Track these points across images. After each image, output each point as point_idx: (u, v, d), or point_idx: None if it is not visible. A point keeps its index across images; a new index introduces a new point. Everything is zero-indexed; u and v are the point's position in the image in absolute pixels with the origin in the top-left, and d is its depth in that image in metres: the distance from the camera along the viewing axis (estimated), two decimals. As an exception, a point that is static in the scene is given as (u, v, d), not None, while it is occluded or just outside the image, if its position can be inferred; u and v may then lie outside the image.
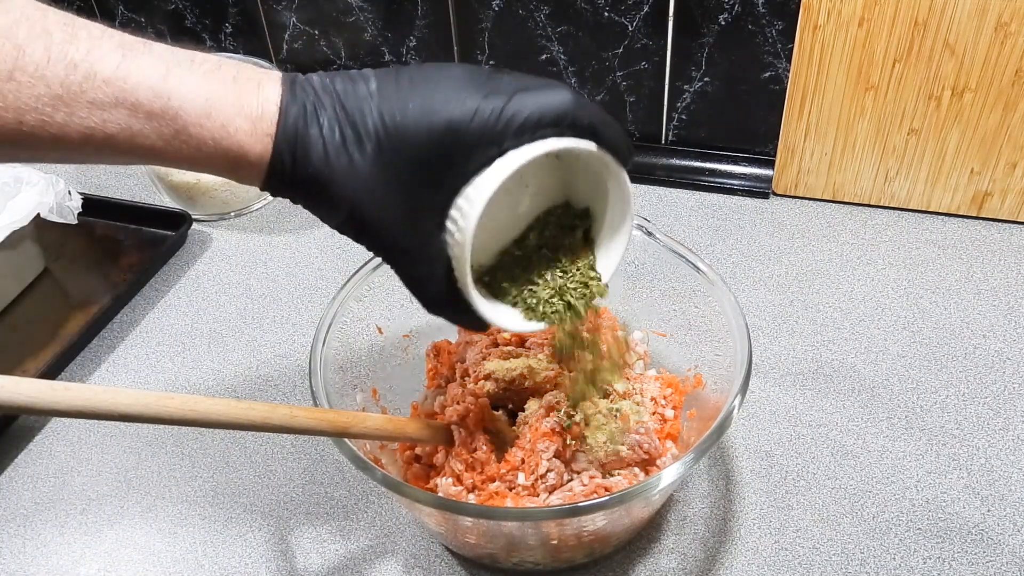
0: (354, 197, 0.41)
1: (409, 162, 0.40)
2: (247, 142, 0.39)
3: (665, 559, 0.58)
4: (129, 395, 0.40)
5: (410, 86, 0.40)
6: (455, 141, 0.40)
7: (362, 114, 0.40)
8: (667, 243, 0.62)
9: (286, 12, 0.95)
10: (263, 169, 0.40)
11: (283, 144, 0.39)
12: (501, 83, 0.41)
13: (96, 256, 0.87)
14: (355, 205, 0.41)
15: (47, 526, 0.63)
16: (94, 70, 0.37)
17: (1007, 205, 0.80)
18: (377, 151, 0.40)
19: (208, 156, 0.40)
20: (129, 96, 0.38)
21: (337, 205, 0.41)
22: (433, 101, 0.40)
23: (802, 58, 0.78)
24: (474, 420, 0.55)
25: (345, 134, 0.40)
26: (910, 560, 0.56)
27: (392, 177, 0.40)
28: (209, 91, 0.39)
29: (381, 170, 0.40)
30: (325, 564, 0.59)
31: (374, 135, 0.40)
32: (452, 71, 0.41)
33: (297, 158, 0.40)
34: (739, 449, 0.64)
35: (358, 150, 0.40)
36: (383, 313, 0.64)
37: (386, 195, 0.41)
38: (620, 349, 0.56)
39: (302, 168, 0.40)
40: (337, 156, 0.40)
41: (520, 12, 0.86)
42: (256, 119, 0.39)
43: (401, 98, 0.40)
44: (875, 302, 0.75)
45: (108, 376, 0.74)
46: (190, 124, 0.39)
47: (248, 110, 0.39)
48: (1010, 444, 0.63)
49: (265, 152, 0.40)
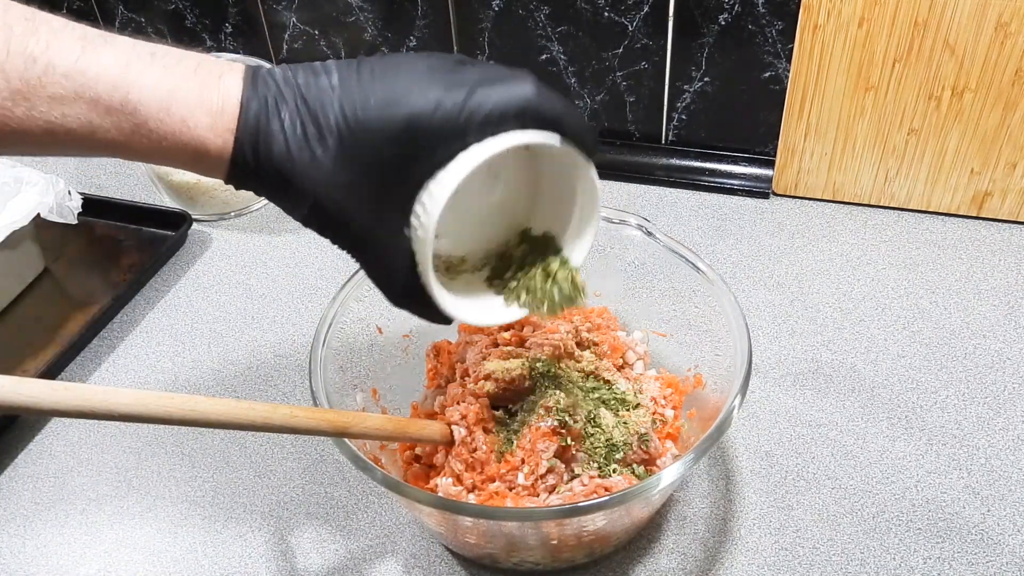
0: (317, 191, 0.41)
1: (371, 156, 0.40)
2: (207, 136, 0.39)
3: (665, 559, 0.58)
4: (129, 395, 0.40)
5: (371, 78, 0.40)
6: (417, 135, 0.40)
7: (324, 108, 0.40)
8: (667, 243, 0.62)
9: (286, 12, 0.95)
10: (225, 163, 0.40)
11: (244, 139, 0.40)
12: (464, 75, 0.40)
13: (96, 256, 0.87)
14: (318, 199, 0.41)
15: (47, 526, 0.63)
16: (53, 64, 0.37)
17: (1007, 205, 0.80)
18: (339, 145, 0.40)
19: (169, 150, 0.40)
20: (88, 90, 0.38)
21: (300, 199, 0.41)
22: (395, 94, 0.40)
23: (802, 58, 0.78)
24: (474, 420, 0.55)
25: (307, 129, 0.40)
26: (910, 560, 0.56)
27: (355, 171, 0.40)
28: (169, 85, 0.39)
29: (343, 164, 0.40)
30: (325, 564, 0.59)
31: (336, 129, 0.40)
32: (415, 62, 0.41)
33: (259, 153, 0.40)
34: (739, 449, 0.64)
35: (320, 145, 0.40)
36: (383, 313, 0.64)
37: (349, 189, 0.41)
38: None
39: (264, 163, 0.40)
40: (299, 151, 0.40)
41: (520, 12, 0.86)
42: (216, 113, 0.39)
43: (363, 91, 0.40)
44: (875, 302, 0.75)
45: (108, 376, 0.74)
46: (150, 119, 0.39)
47: (208, 104, 0.39)
48: (1010, 444, 0.63)
49: (226, 146, 0.40)
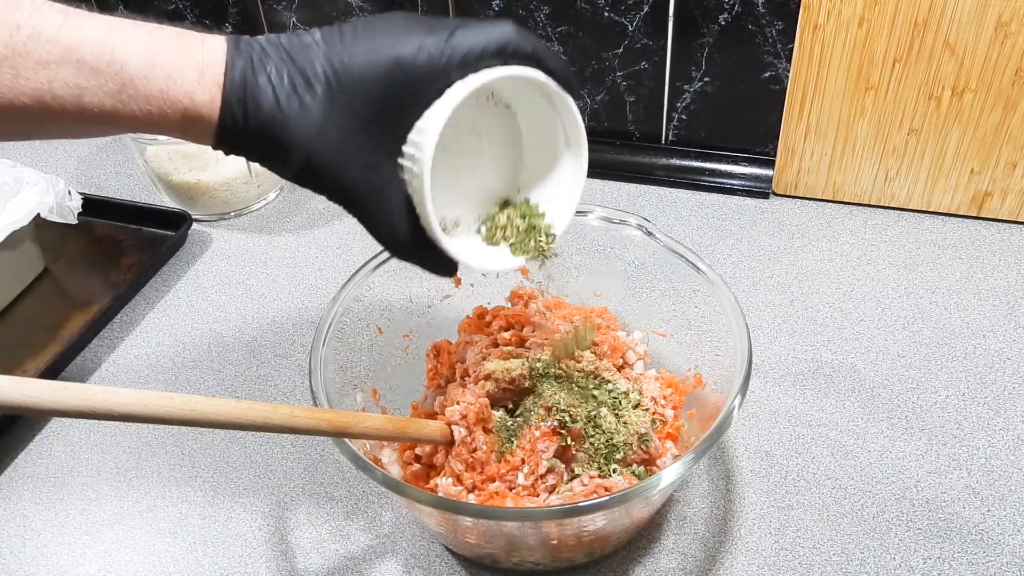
0: (308, 142, 0.41)
1: (360, 101, 0.41)
2: (195, 92, 0.40)
3: (665, 559, 0.58)
4: (129, 395, 0.40)
5: (353, 34, 0.41)
6: (403, 77, 0.41)
7: (309, 60, 0.41)
8: (667, 243, 0.62)
9: (286, 12, 0.95)
10: (214, 122, 0.41)
11: (232, 94, 0.40)
12: (443, 22, 0.42)
13: (96, 256, 0.87)
14: (310, 150, 0.41)
15: (47, 526, 0.63)
16: (38, 30, 0.38)
17: (1007, 205, 0.80)
18: (328, 93, 0.41)
19: (158, 111, 0.40)
20: (74, 53, 0.38)
21: (292, 152, 0.41)
22: (378, 43, 0.41)
23: (802, 58, 0.78)
24: (474, 420, 0.55)
25: (294, 80, 0.41)
26: (910, 560, 0.56)
27: (345, 118, 0.41)
28: (153, 45, 0.40)
29: (333, 111, 0.41)
30: (325, 564, 0.59)
31: (323, 78, 0.41)
32: (393, 17, 0.42)
33: (248, 107, 0.40)
34: (739, 449, 0.64)
35: (308, 94, 0.41)
36: (383, 313, 0.64)
37: (340, 136, 0.41)
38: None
39: (253, 118, 0.40)
40: (288, 101, 0.40)
41: (520, 12, 0.86)
42: (202, 69, 0.40)
43: (346, 44, 0.41)
44: (875, 302, 0.75)
45: (108, 376, 0.74)
46: (136, 76, 0.39)
47: (194, 61, 0.40)
48: (1010, 444, 0.63)
49: (214, 102, 0.40)
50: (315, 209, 0.90)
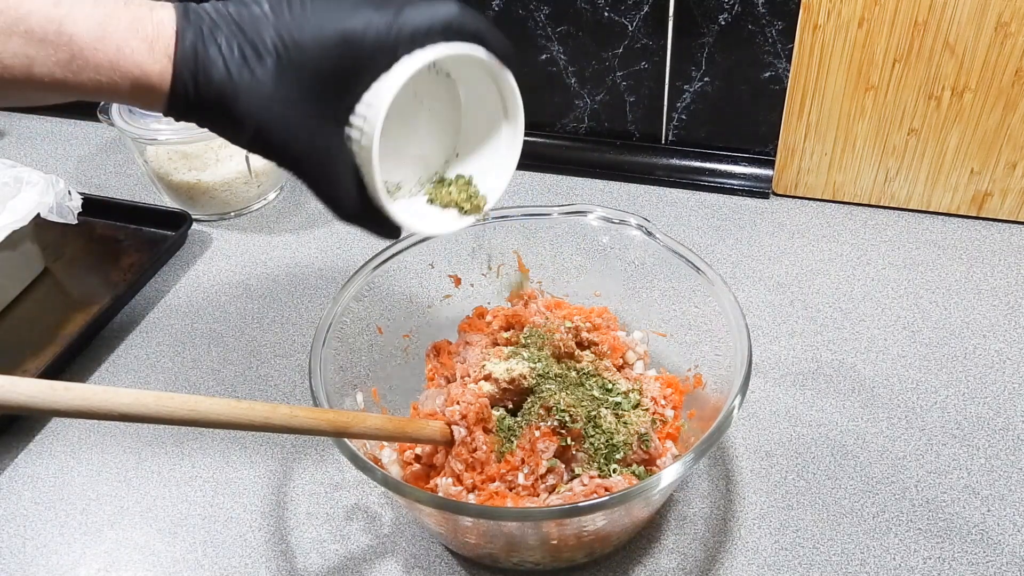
0: (259, 112, 0.42)
1: (309, 73, 0.42)
2: (145, 62, 0.40)
3: (665, 559, 0.58)
4: (129, 395, 0.40)
5: (302, 6, 0.42)
6: (351, 51, 0.42)
7: (259, 33, 0.41)
8: (667, 243, 0.62)
9: (286, 12, 0.95)
10: (165, 91, 0.41)
11: (183, 64, 0.40)
12: (391, 0, 0.43)
13: (96, 256, 0.87)
14: (261, 120, 0.42)
15: (47, 526, 0.63)
16: None
17: (1007, 205, 0.80)
18: (277, 65, 0.41)
19: (108, 81, 0.40)
20: (21, 23, 0.39)
21: (242, 122, 0.42)
22: (327, 17, 0.41)
23: (802, 58, 0.78)
24: (474, 420, 0.55)
25: (245, 51, 0.41)
26: (910, 560, 0.56)
27: (294, 89, 0.42)
28: (101, 15, 0.40)
29: (283, 83, 0.41)
30: (325, 564, 0.59)
31: (273, 50, 0.41)
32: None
33: (199, 78, 0.41)
34: (739, 449, 0.64)
35: (259, 65, 0.41)
36: (383, 313, 0.64)
37: (290, 107, 0.42)
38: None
39: (204, 87, 0.41)
40: (239, 72, 0.41)
41: (520, 12, 0.86)
42: (152, 40, 0.40)
43: (295, 16, 0.42)
44: (875, 302, 0.75)
45: (108, 376, 0.74)
46: (85, 48, 0.39)
47: (143, 32, 0.40)
48: (1010, 444, 0.63)
49: (165, 73, 0.40)
50: (315, 209, 0.90)
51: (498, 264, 0.67)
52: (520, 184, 0.91)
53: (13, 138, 1.04)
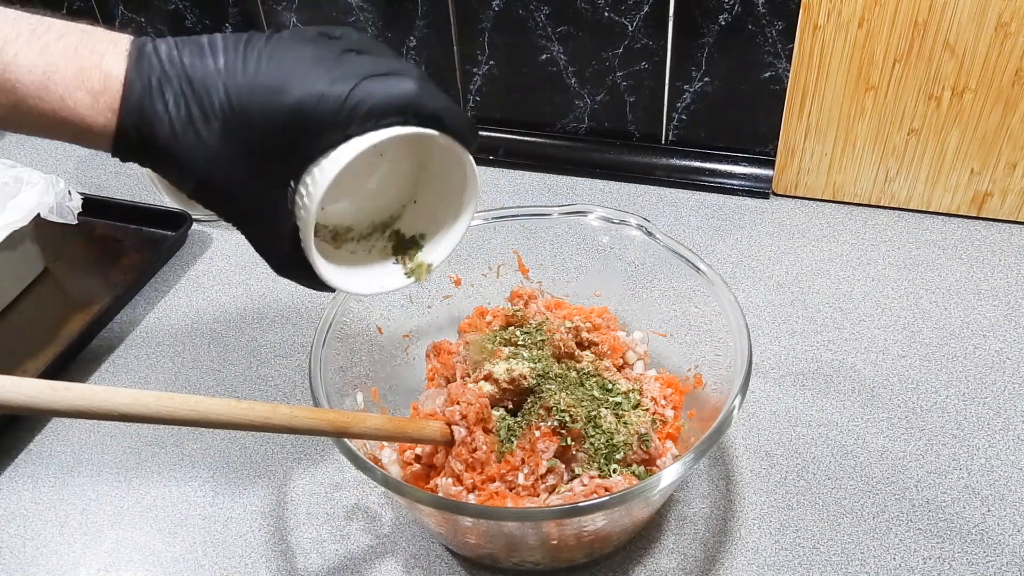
0: (201, 171, 0.42)
1: (255, 140, 0.41)
2: (88, 115, 0.40)
3: (665, 559, 0.58)
4: (129, 395, 0.40)
5: (257, 64, 0.41)
6: (300, 124, 0.41)
7: (208, 91, 0.40)
8: (667, 243, 0.62)
9: (286, 12, 0.95)
10: (108, 140, 0.41)
11: (127, 119, 0.40)
12: (350, 66, 0.41)
13: (96, 256, 0.87)
14: (203, 178, 0.42)
15: (47, 526, 0.63)
16: None
17: (1007, 205, 0.80)
18: (223, 128, 0.41)
19: (51, 126, 0.41)
20: None
21: (185, 177, 0.42)
22: (280, 82, 0.40)
23: (802, 58, 0.78)
24: (474, 420, 0.55)
25: (192, 111, 0.40)
26: (910, 560, 0.56)
27: (238, 153, 0.41)
28: (47, 64, 0.39)
29: (228, 146, 0.41)
30: (325, 564, 0.59)
31: (220, 113, 0.40)
32: (301, 49, 0.41)
33: (143, 132, 0.40)
34: (739, 449, 0.64)
35: (205, 127, 0.41)
36: (383, 313, 0.64)
37: (233, 169, 0.42)
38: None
39: (149, 142, 0.41)
40: (184, 132, 0.40)
41: (520, 12, 0.86)
42: (98, 93, 0.40)
43: (248, 76, 0.40)
44: (875, 302, 0.75)
45: (108, 376, 0.74)
46: (28, 96, 0.39)
47: (89, 84, 0.40)
48: (1010, 444, 0.63)
49: (109, 125, 0.40)
50: (315, 209, 0.90)
51: (497, 264, 0.67)
52: (520, 184, 0.91)
53: (13, 138, 1.04)
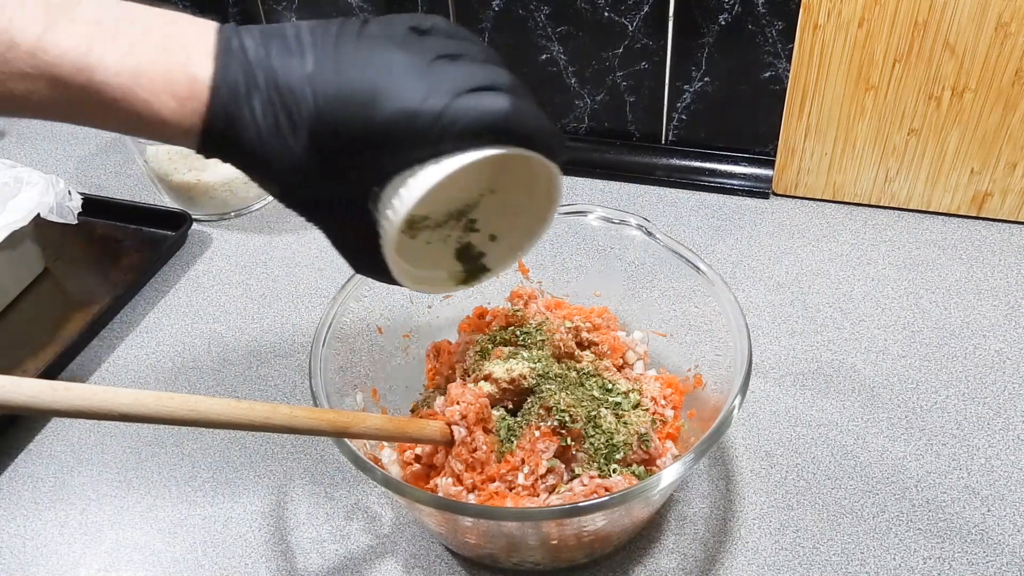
0: (286, 178, 0.41)
1: (342, 150, 0.40)
2: (173, 119, 0.40)
3: (665, 559, 0.58)
4: (129, 395, 0.40)
5: (349, 70, 0.39)
6: (390, 139, 0.40)
7: (296, 100, 0.39)
8: (667, 243, 0.62)
9: (286, 12, 0.95)
10: (194, 141, 0.41)
11: (213, 124, 0.40)
12: (442, 77, 0.40)
13: (96, 256, 0.87)
14: (287, 185, 0.42)
15: (47, 526, 0.63)
16: (15, 41, 0.37)
17: (1007, 205, 0.80)
18: (310, 138, 0.40)
19: (136, 128, 0.40)
20: (51, 68, 0.38)
21: (270, 181, 0.42)
22: (370, 93, 0.39)
23: (802, 58, 0.78)
24: (474, 420, 0.55)
25: (279, 119, 0.40)
26: (910, 560, 0.56)
27: (325, 162, 0.41)
28: (133, 67, 0.39)
29: (314, 156, 0.40)
30: (325, 564, 0.59)
31: (308, 123, 0.40)
32: (391, 54, 0.40)
33: (228, 139, 0.40)
34: (739, 449, 0.64)
35: (291, 136, 0.40)
36: (383, 313, 0.64)
37: (318, 178, 0.41)
38: None
39: (234, 146, 0.40)
40: (270, 139, 0.40)
41: (520, 12, 0.86)
42: (184, 99, 0.39)
43: (339, 85, 0.39)
44: (875, 302, 0.75)
45: (108, 376, 0.74)
46: (117, 99, 0.39)
47: (175, 87, 0.39)
48: (1010, 444, 0.63)
49: (194, 128, 0.40)
50: (315, 209, 0.90)
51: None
52: (520, 184, 0.91)
53: (13, 138, 1.04)
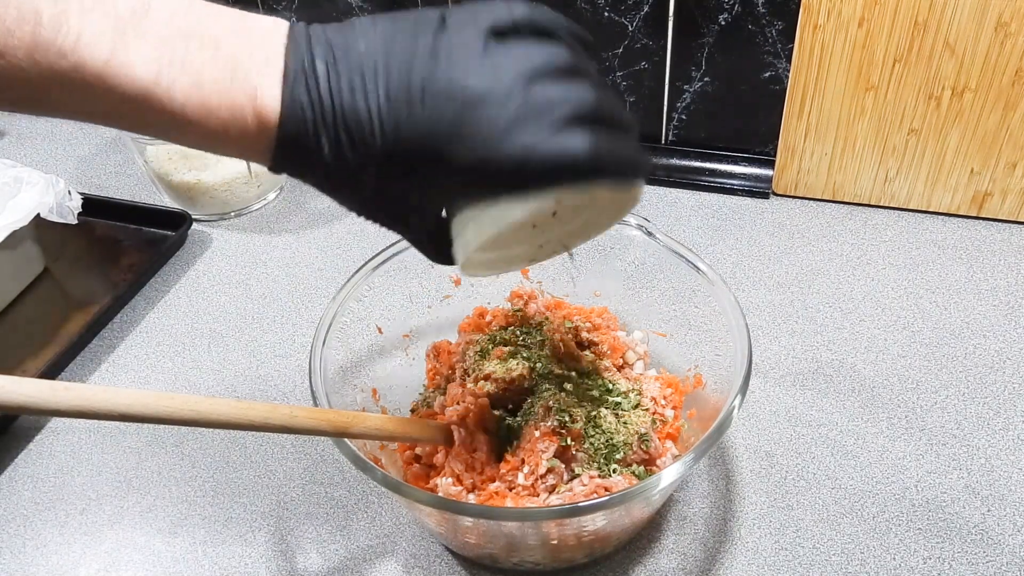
0: (356, 207, 0.41)
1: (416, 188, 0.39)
2: (237, 147, 0.39)
3: (665, 559, 0.58)
4: (129, 395, 0.40)
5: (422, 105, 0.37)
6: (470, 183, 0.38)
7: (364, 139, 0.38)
8: (667, 243, 0.62)
9: (286, 12, 0.95)
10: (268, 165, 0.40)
11: (282, 155, 0.39)
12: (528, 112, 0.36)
13: (96, 256, 0.87)
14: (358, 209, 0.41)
15: (47, 526, 0.63)
16: (83, 62, 0.36)
17: (1007, 205, 0.80)
18: (380, 170, 0.39)
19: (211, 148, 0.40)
20: (117, 91, 0.37)
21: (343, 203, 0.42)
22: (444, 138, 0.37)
23: (802, 58, 0.78)
24: (474, 420, 0.55)
25: (347, 156, 0.38)
26: (910, 560, 0.56)
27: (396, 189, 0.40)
28: (201, 98, 0.37)
29: (384, 186, 0.39)
30: (325, 564, 0.59)
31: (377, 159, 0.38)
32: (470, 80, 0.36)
33: (298, 166, 0.39)
34: (739, 449, 0.64)
35: (360, 170, 0.39)
36: (383, 313, 0.64)
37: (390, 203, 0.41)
38: None
39: (305, 174, 0.40)
40: (338, 172, 0.39)
41: (520, 12, 0.86)
42: (254, 135, 0.38)
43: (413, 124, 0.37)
44: (875, 302, 0.75)
45: (108, 376, 0.74)
46: (183, 125, 0.38)
47: (242, 123, 0.38)
48: (1010, 444, 0.63)
49: (266, 155, 0.39)
50: (315, 209, 0.90)
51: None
52: (520, 184, 0.91)
53: (13, 138, 1.04)
